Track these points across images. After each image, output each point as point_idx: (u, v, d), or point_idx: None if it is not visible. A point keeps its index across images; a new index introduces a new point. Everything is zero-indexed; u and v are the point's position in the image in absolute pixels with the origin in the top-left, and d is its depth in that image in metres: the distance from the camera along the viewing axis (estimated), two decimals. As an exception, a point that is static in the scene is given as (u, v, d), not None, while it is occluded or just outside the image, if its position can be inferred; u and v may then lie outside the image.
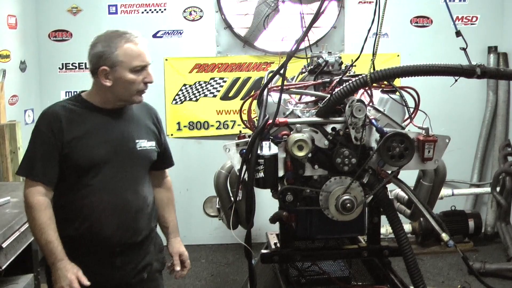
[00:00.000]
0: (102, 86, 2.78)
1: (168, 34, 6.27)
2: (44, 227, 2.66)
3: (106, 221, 2.80)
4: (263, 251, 3.30)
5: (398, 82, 4.14)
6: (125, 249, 2.88)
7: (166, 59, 6.27)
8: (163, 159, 3.12)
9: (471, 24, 6.43)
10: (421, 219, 5.65)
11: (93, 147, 2.78)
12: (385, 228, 5.56)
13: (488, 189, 6.28)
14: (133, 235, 2.89)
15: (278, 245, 3.31)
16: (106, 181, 2.81)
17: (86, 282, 2.67)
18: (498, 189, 6.08)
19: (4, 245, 3.23)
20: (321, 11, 2.80)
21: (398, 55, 6.35)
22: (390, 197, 3.24)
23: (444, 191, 6.18)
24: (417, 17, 6.40)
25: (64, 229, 2.73)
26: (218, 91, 6.38)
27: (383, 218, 3.12)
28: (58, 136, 2.72)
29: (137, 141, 2.90)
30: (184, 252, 3.18)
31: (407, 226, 6.08)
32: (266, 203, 3.54)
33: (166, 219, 3.22)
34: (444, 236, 2.85)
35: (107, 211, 2.80)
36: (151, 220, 3.02)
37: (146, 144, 2.93)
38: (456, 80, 2.95)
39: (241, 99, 6.15)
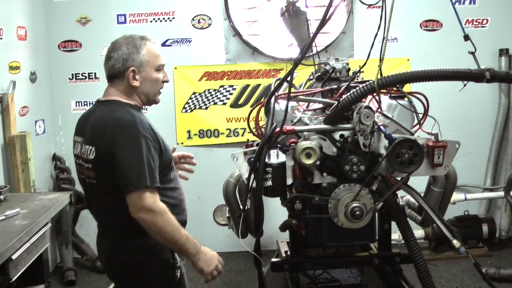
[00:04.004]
0: (130, 88, 2.91)
1: (177, 42, 6.28)
2: (179, 226, 2.77)
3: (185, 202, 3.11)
4: (274, 259, 3.28)
5: (408, 87, 4.12)
6: None
7: (176, 68, 6.27)
8: None
9: (482, 26, 6.39)
10: (434, 224, 5.61)
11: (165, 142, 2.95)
12: (398, 234, 5.51)
13: (501, 193, 6.20)
14: None
15: (289, 253, 3.30)
16: (175, 168, 3.10)
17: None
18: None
19: (14, 257, 3.23)
20: (327, 17, 2.79)
21: (408, 60, 6.31)
22: (400, 203, 3.22)
23: (457, 196, 6.13)
24: (427, 21, 6.36)
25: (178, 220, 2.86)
26: (228, 98, 6.37)
27: (394, 225, 3.09)
28: (158, 142, 2.81)
29: None
30: None
31: (420, 232, 6.04)
32: (277, 210, 3.52)
33: None
34: (456, 242, 2.83)
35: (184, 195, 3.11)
36: None
37: None
38: (464, 85, 2.93)
39: (251, 106, 6.13)
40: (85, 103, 6.18)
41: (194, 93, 6.34)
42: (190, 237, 2.82)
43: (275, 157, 2.84)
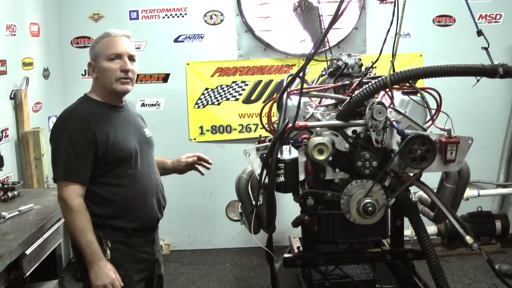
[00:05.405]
0: (95, 82, 3.11)
1: (189, 38, 6.28)
2: (86, 229, 2.86)
3: (150, 202, 3.15)
4: (286, 255, 3.28)
5: (421, 83, 4.10)
6: (157, 225, 3.31)
7: (188, 64, 6.29)
8: None
9: (495, 22, 6.35)
10: (447, 220, 5.59)
11: (125, 139, 3.04)
12: (410, 230, 5.48)
13: (515, 189, 6.19)
14: (161, 212, 3.28)
15: (301, 249, 3.29)
16: (142, 167, 3.12)
17: (121, 283, 2.91)
18: (525, 189, 5.98)
19: (27, 252, 3.26)
20: (339, 13, 2.78)
21: (421, 55, 6.29)
22: (413, 199, 3.20)
23: (470, 192, 6.10)
24: (440, 16, 6.33)
25: (118, 217, 3.03)
26: (240, 94, 6.37)
27: (407, 221, 3.08)
28: (90, 137, 2.91)
29: (144, 130, 3.28)
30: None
31: (433, 228, 6.02)
32: (290, 206, 3.53)
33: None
34: (468, 239, 2.81)
35: (149, 193, 3.15)
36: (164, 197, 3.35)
37: (149, 132, 3.31)
38: (478, 81, 2.91)
39: (263, 102, 6.12)
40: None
41: (206, 89, 6.35)
42: (93, 245, 2.87)
43: (288, 153, 2.84)
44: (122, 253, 3.05)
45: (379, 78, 2.82)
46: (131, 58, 3.08)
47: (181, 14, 6.26)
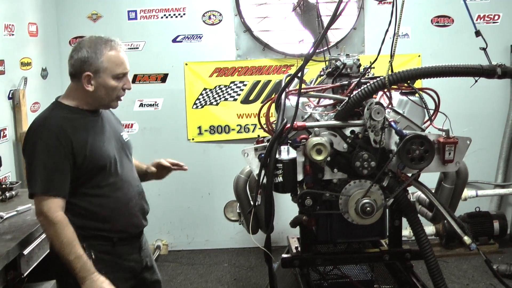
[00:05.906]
0: (83, 91, 2.89)
1: (188, 38, 6.28)
2: (72, 243, 2.72)
3: (134, 210, 3.08)
4: (284, 255, 3.28)
5: (419, 83, 4.10)
6: (142, 231, 3.23)
7: (186, 64, 6.28)
8: None
9: (493, 22, 6.35)
10: (445, 221, 5.59)
11: (103, 146, 2.94)
12: (408, 230, 5.50)
13: (513, 190, 6.20)
14: (145, 219, 3.20)
15: (299, 249, 3.29)
16: (122, 174, 3.03)
17: None
18: (523, 189, 5.99)
19: (25, 252, 3.25)
20: (338, 13, 2.78)
21: (419, 56, 6.29)
22: (411, 199, 3.20)
23: (468, 192, 6.11)
24: (438, 16, 6.33)
25: (102, 228, 2.94)
26: (239, 94, 6.37)
27: (405, 221, 3.08)
28: (68, 147, 2.78)
29: (121, 134, 3.18)
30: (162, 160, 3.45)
31: (431, 228, 6.02)
32: (288, 206, 3.52)
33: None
34: (466, 239, 2.81)
35: (132, 201, 3.07)
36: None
37: (126, 135, 3.22)
38: (476, 81, 2.91)
39: (262, 102, 6.12)
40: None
41: (204, 89, 6.34)
42: (82, 258, 2.73)
43: (286, 153, 2.83)
44: (106, 263, 2.91)
45: (378, 79, 2.82)
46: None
47: (179, 14, 6.26)
